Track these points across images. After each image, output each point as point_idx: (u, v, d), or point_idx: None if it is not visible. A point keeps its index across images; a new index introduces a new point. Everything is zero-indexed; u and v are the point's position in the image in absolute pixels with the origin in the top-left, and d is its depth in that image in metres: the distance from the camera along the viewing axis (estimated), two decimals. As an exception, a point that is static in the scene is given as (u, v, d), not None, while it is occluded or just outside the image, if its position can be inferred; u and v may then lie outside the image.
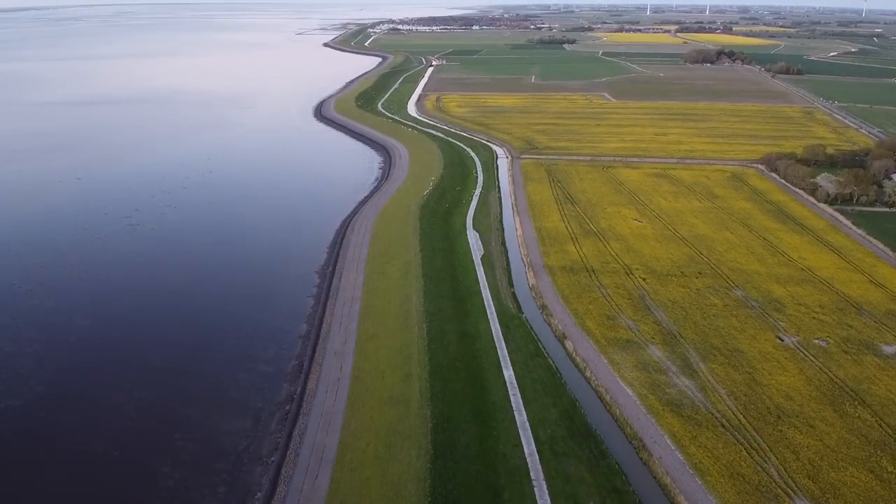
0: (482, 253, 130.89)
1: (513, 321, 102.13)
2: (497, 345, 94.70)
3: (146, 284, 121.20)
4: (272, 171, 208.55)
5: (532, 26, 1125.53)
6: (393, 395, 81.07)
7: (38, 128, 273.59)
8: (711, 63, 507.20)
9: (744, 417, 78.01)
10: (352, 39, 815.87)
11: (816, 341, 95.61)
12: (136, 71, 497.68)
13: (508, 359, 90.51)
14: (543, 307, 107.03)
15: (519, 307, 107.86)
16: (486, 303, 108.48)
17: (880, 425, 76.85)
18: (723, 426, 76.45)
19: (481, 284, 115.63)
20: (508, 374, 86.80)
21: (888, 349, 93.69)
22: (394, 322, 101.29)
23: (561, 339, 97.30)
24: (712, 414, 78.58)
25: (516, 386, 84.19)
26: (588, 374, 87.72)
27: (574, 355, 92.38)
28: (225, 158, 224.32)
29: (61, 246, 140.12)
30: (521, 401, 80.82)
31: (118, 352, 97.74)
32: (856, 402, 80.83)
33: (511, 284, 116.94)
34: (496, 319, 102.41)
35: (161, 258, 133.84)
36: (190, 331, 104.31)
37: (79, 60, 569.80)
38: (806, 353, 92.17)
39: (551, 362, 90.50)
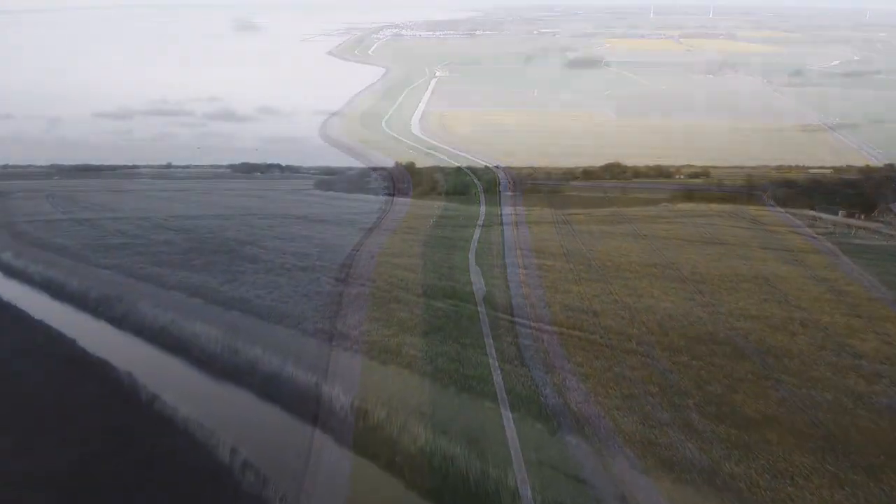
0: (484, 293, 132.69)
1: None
2: None
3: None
4: (280, 201, 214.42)
5: (536, 31, 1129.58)
6: None
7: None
8: (713, 74, 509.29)
9: None
10: (355, 47, 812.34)
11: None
12: (142, 82, 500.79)
13: None
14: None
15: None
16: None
17: None
18: None
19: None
20: None
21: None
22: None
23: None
24: None
25: None
26: None
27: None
28: (231, 187, 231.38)
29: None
30: None
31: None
32: None
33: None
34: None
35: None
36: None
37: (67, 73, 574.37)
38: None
39: None
